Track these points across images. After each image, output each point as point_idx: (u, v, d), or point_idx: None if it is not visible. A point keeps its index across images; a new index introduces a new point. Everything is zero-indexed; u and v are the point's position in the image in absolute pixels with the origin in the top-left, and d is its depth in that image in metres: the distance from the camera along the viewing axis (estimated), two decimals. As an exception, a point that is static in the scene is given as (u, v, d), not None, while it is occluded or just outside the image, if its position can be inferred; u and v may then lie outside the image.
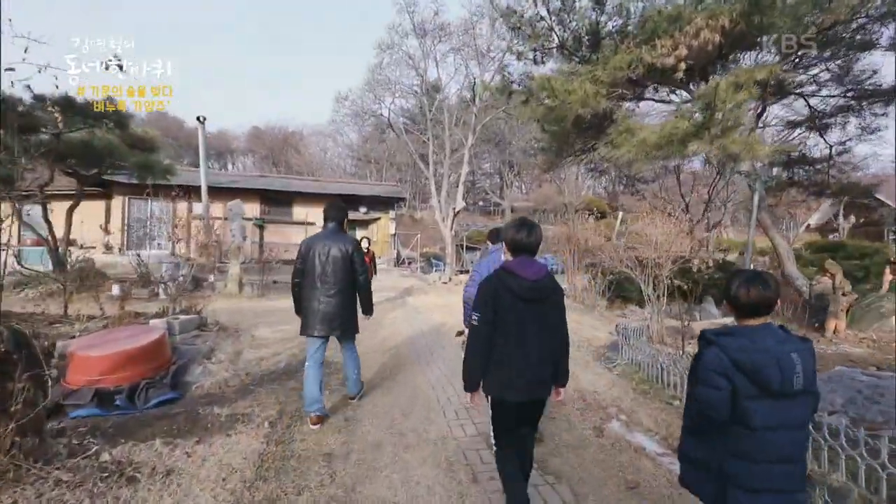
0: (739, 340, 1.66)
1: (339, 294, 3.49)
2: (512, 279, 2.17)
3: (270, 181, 18.20)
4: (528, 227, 2.27)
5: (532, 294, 2.18)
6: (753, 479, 1.63)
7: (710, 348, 1.70)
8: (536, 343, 2.19)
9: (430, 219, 34.07)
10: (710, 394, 1.65)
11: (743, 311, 1.73)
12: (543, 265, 2.29)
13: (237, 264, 11.78)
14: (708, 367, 1.67)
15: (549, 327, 2.23)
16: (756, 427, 1.61)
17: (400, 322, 8.07)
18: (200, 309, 6.97)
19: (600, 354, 6.01)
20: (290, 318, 8.44)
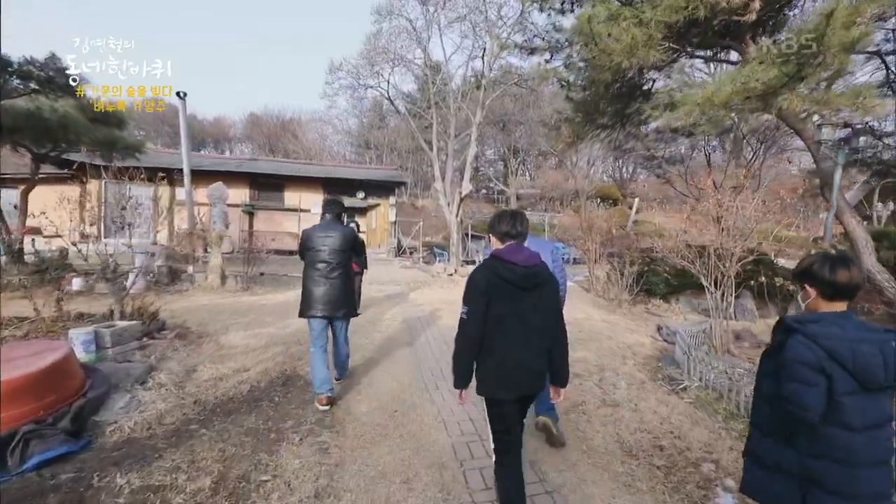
0: (829, 328, 1.52)
1: (339, 277, 3.70)
2: (504, 266, 2.08)
3: (260, 164, 16.83)
4: (514, 216, 2.21)
5: (526, 281, 2.07)
6: (851, 484, 1.47)
7: (796, 338, 1.55)
8: (533, 333, 2.09)
9: (433, 206, 32.68)
10: (803, 391, 1.49)
11: (833, 294, 1.59)
12: (535, 252, 2.18)
13: (219, 254, 10.50)
14: (798, 359, 1.52)
15: (544, 317, 2.12)
16: (855, 426, 1.47)
17: (397, 327, 6.81)
18: (155, 311, 5.70)
19: (654, 370, 4.75)
20: (271, 318, 7.24)
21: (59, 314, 5.49)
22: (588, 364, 4.90)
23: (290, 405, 3.63)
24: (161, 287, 9.91)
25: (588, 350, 5.46)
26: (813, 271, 1.63)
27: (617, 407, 3.72)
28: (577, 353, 5.24)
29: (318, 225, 3.86)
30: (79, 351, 3.79)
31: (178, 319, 6.54)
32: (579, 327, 6.87)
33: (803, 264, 1.70)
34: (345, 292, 3.75)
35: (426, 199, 36.76)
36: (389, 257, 16.26)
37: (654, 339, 6.23)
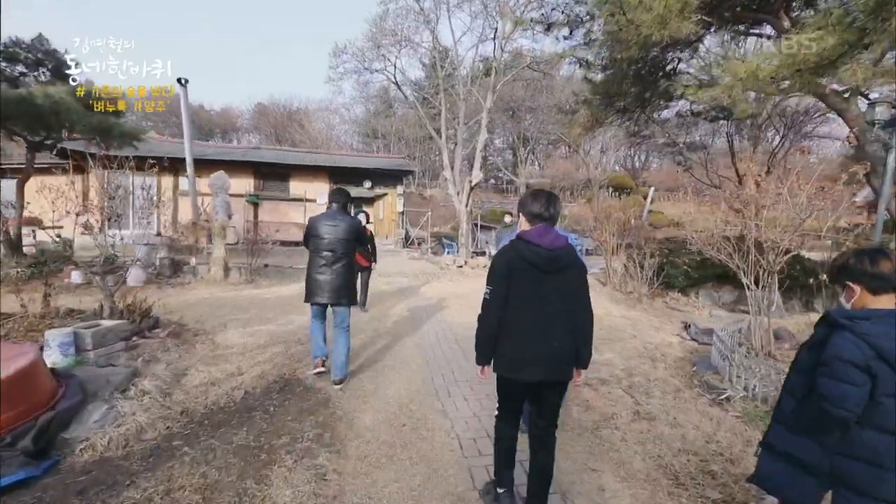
0: (879, 326, 1.45)
1: (342, 267, 3.79)
2: (530, 249, 2.03)
3: (264, 154, 16.41)
4: (547, 197, 2.14)
5: (551, 264, 2.02)
6: (881, 486, 1.43)
7: (843, 335, 1.48)
8: (557, 318, 2.03)
9: (441, 196, 32.19)
10: (845, 390, 1.42)
11: (878, 287, 1.52)
12: (563, 235, 2.12)
13: (222, 246, 10.18)
14: (844, 357, 1.44)
15: (570, 301, 2.05)
16: (891, 429, 1.42)
17: (405, 324, 6.42)
18: (148, 307, 5.35)
19: (689, 375, 4.30)
20: (273, 314, 6.82)
21: (46, 311, 5.17)
22: (614, 368, 4.47)
23: (286, 416, 3.25)
24: (163, 280, 9.62)
25: (613, 351, 5.03)
26: (852, 267, 1.57)
27: (653, 421, 3.30)
28: (601, 355, 4.81)
29: (323, 214, 3.95)
30: (55, 355, 3.44)
31: (175, 315, 6.21)
32: (599, 325, 6.37)
33: (839, 262, 1.63)
34: (347, 281, 3.85)
35: (434, 189, 36.25)
36: (397, 248, 15.87)
37: (682, 339, 5.78)
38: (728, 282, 11.62)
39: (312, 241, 3.84)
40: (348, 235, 3.82)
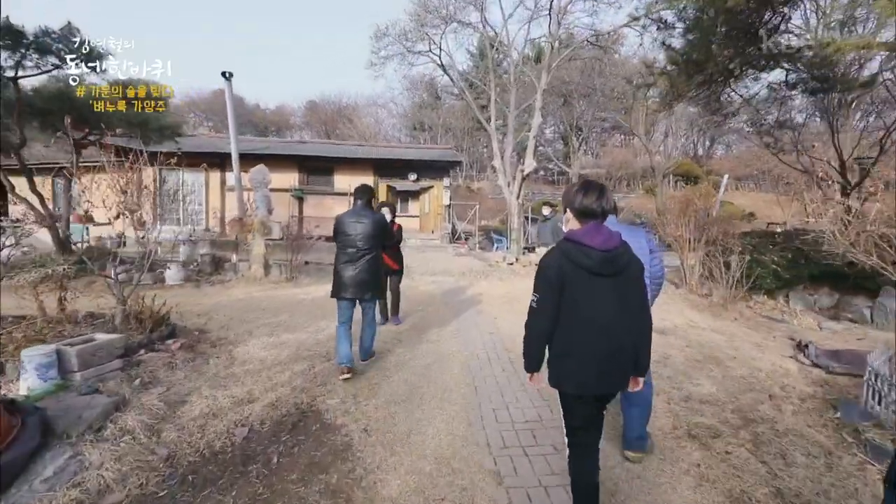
0: None
1: (368, 262, 3.91)
2: (581, 251, 1.83)
3: (309, 147, 16.13)
4: (597, 189, 1.92)
5: (606, 267, 1.82)
6: None
7: None
8: (612, 325, 1.83)
9: (490, 189, 31.11)
10: None
11: None
12: (616, 232, 1.92)
13: (262, 242, 9.80)
14: None
15: (627, 306, 1.86)
16: None
17: (449, 338, 5.58)
18: (165, 314, 4.84)
19: (833, 424, 3.14)
20: (305, 319, 5.89)
21: (62, 314, 4.78)
22: (722, 408, 3.38)
23: (290, 472, 2.50)
24: (203, 277, 9.38)
25: (712, 380, 3.92)
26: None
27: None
28: (699, 387, 3.74)
29: (349, 211, 4.05)
30: (31, 379, 2.89)
31: (201, 319, 5.73)
32: (686, 339, 5.28)
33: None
34: (372, 276, 3.96)
35: (482, 182, 35.24)
36: (443, 243, 15.07)
37: (800, 363, 4.54)
38: (825, 282, 9.88)
39: (339, 238, 3.97)
40: (373, 231, 3.92)
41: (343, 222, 3.96)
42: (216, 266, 9.90)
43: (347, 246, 3.90)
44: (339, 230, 3.98)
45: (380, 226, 4.00)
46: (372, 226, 3.92)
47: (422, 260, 11.68)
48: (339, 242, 3.98)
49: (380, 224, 4.01)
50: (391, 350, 4.73)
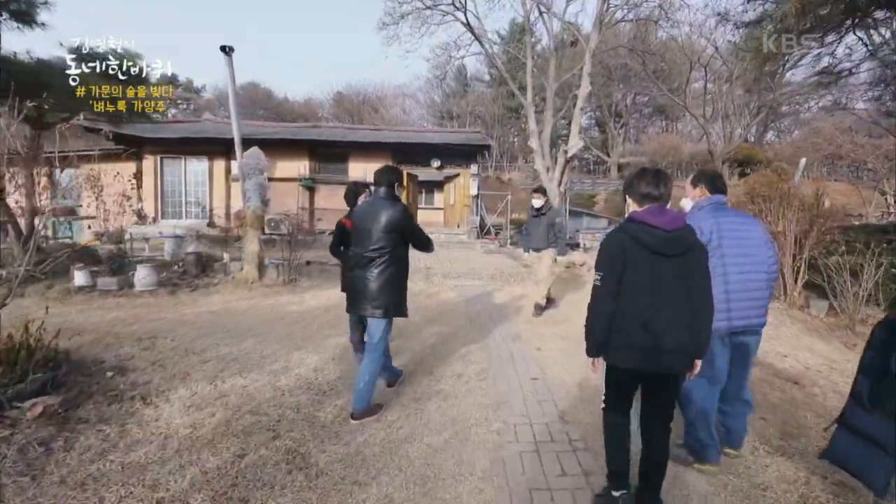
0: None
1: (377, 268, 3.02)
2: (644, 231, 1.84)
3: (321, 132, 14.62)
4: (657, 175, 1.96)
5: (670, 247, 1.83)
6: None
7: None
8: (676, 306, 1.84)
9: (521, 180, 29.03)
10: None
11: None
12: (680, 214, 1.99)
13: (256, 239, 8.29)
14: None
15: (689, 288, 1.86)
16: None
17: (473, 379, 3.88)
18: (48, 346, 3.29)
19: None
20: (277, 346, 3.88)
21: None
22: None
23: None
24: (187, 280, 7.97)
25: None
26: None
27: None
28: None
29: (366, 201, 3.42)
30: None
31: (134, 349, 4.20)
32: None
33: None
34: (385, 285, 3.01)
35: (513, 172, 33.23)
36: (470, 239, 13.28)
37: None
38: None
39: (352, 236, 3.19)
40: (387, 229, 3.00)
41: (355, 216, 3.23)
42: (203, 267, 8.48)
43: (356, 246, 3.10)
44: (353, 225, 3.19)
45: (395, 221, 2.98)
46: (385, 220, 2.97)
47: (444, 258, 9.97)
48: (351, 241, 3.22)
49: (395, 219, 2.98)
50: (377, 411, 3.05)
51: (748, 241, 2.40)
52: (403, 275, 3.15)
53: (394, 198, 3.12)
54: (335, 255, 4.14)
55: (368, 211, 3.08)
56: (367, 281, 3.01)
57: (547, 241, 5.70)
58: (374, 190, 3.23)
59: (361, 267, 3.04)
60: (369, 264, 3.01)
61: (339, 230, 4.03)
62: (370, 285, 3.01)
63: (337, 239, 4.04)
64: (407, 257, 3.18)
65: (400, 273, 3.11)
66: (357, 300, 3.09)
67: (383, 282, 3.01)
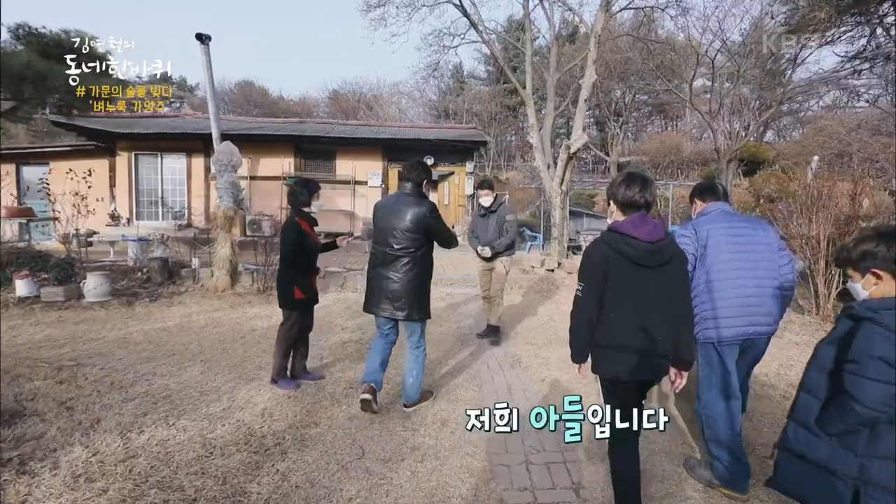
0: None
1: (404, 268, 2.91)
2: (625, 242, 1.85)
3: (306, 127, 13.81)
4: (644, 182, 1.92)
5: (651, 259, 1.84)
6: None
7: (872, 329, 1.40)
8: (655, 314, 1.87)
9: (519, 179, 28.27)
10: (877, 389, 1.35)
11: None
12: (660, 224, 1.91)
13: (227, 243, 7.51)
14: (874, 353, 1.37)
15: (670, 297, 1.88)
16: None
17: (460, 456, 3.06)
18: None
19: None
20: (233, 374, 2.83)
21: None
22: None
23: None
24: (150, 289, 7.18)
25: None
26: (877, 253, 1.47)
27: None
28: None
29: (390, 195, 3.29)
30: None
31: (47, 383, 3.43)
32: None
33: (862, 249, 1.51)
34: (410, 287, 2.91)
35: (510, 172, 32.52)
36: (464, 241, 12.52)
37: None
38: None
39: (374, 233, 3.05)
40: (412, 227, 2.86)
41: (378, 211, 3.07)
42: (170, 273, 7.68)
43: (378, 244, 3.02)
44: (374, 221, 3.09)
45: (422, 219, 2.89)
46: (412, 218, 2.87)
47: (437, 262, 9.19)
48: (375, 238, 3.08)
49: (420, 217, 2.88)
50: (323, 490, 2.27)
51: (749, 248, 2.35)
52: (428, 276, 3.06)
53: (421, 195, 3.00)
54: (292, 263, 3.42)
55: (393, 207, 2.94)
56: (390, 281, 2.90)
57: (495, 238, 4.56)
58: (400, 185, 3.12)
59: (384, 266, 2.93)
60: (392, 263, 2.91)
61: (295, 233, 3.33)
62: (393, 286, 2.90)
63: (294, 243, 3.33)
64: (432, 256, 3.08)
65: (425, 274, 3.01)
66: (377, 300, 2.95)
67: (408, 282, 2.90)
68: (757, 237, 2.39)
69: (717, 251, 2.31)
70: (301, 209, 3.46)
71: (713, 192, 2.62)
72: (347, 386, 3.48)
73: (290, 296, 3.39)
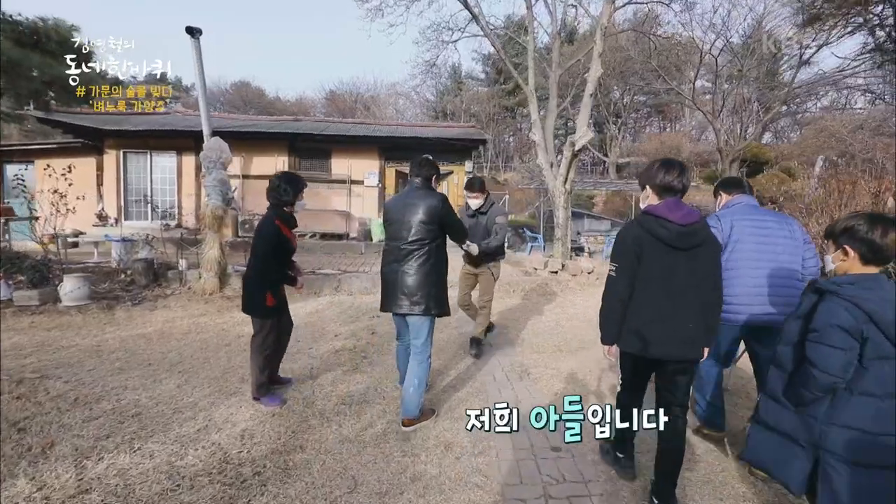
0: (868, 290, 1.49)
1: (417, 261, 2.77)
2: (659, 224, 1.90)
3: (301, 125, 13.43)
4: (682, 167, 1.99)
5: (684, 241, 1.88)
6: (870, 453, 1.45)
7: (834, 301, 1.53)
8: (688, 297, 1.91)
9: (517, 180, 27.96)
10: (834, 355, 1.47)
11: (873, 258, 1.55)
12: (694, 209, 1.97)
13: (216, 243, 7.15)
14: (835, 323, 1.48)
15: (702, 280, 1.92)
16: (878, 393, 1.46)
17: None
18: None
19: None
20: (213, 388, 3.05)
21: None
22: None
23: None
24: (133, 292, 6.80)
25: None
26: (857, 231, 1.57)
27: None
28: None
29: (400, 194, 3.08)
30: None
31: (3, 398, 3.05)
32: None
33: (847, 223, 1.62)
34: (424, 280, 2.77)
35: (509, 173, 32.26)
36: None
37: None
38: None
39: (386, 230, 2.96)
40: (426, 220, 2.75)
41: (390, 208, 2.95)
42: (156, 275, 7.30)
43: (391, 240, 2.87)
44: (385, 218, 2.98)
45: (434, 211, 2.76)
46: (425, 210, 2.74)
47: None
48: (388, 235, 2.93)
49: (435, 208, 2.76)
50: None
51: (771, 241, 2.48)
52: (444, 268, 2.92)
53: (431, 188, 2.94)
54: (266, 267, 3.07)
55: (405, 202, 2.86)
56: (405, 275, 2.78)
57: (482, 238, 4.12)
58: (409, 180, 3.02)
59: (399, 261, 2.81)
60: (407, 257, 2.79)
61: (273, 233, 3.00)
62: (408, 280, 2.77)
63: (271, 244, 2.99)
64: (446, 250, 2.95)
65: (440, 266, 2.88)
66: (393, 296, 2.83)
67: (423, 275, 2.77)
68: (781, 231, 2.52)
69: (740, 241, 2.46)
70: (282, 209, 3.10)
71: (739, 186, 2.76)
72: (339, 402, 3.12)
73: (262, 302, 3.02)
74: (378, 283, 3.10)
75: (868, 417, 1.47)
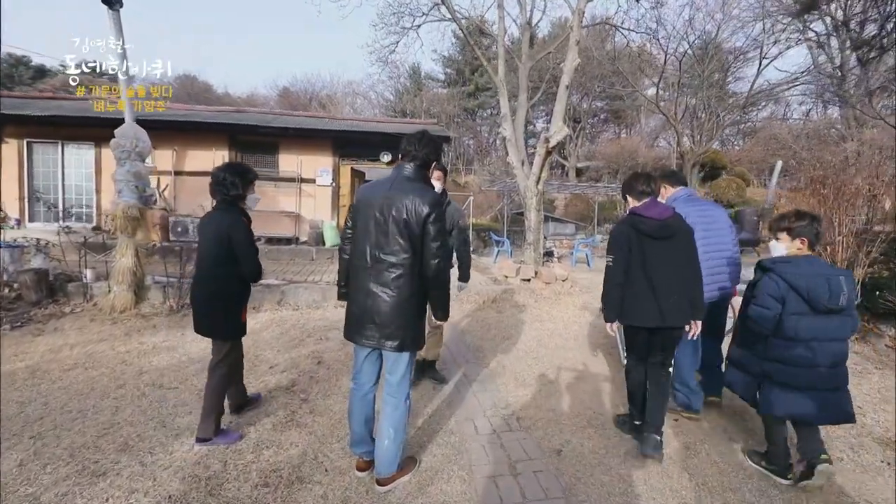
0: (795, 267, 2.13)
1: (397, 280, 2.05)
2: (641, 221, 2.44)
3: (242, 116, 12.06)
4: (648, 178, 2.58)
5: (661, 231, 2.43)
6: (790, 377, 2.16)
7: (769, 275, 2.20)
8: (667, 276, 2.42)
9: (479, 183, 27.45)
10: (763, 313, 2.17)
11: (817, 241, 2.22)
12: (668, 206, 2.59)
13: (130, 250, 5.93)
14: (766, 291, 2.17)
15: (678, 262, 2.45)
16: (798, 338, 2.11)
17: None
18: None
19: None
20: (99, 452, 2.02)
21: None
22: None
23: None
24: (19, 310, 5.47)
25: None
26: (813, 228, 2.21)
27: None
28: None
29: (380, 181, 2.22)
30: None
31: None
32: None
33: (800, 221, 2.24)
34: (406, 308, 2.09)
35: (469, 176, 31.84)
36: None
37: None
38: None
39: (356, 233, 2.18)
40: (415, 222, 2.00)
41: (361, 200, 2.18)
42: (51, 289, 5.96)
43: (362, 246, 2.11)
44: (353, 217, 2.20)
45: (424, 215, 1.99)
46: (412, 212, 1.99)
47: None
48: (355, 236, 2.18)
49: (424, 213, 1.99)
50: None
51: (714, 226, 2.95)
52: (425, 293, 2.19)
53: (425, 180, 2.21)
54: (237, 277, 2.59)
55: (387, 195, 2.06)
56: (377, 298, 2.07)
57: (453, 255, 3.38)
58: (398, 165, 2.24)
59: (372, 278, 2.09)
60: (383, 274, 2.07)
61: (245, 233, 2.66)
62: (381, 305, 2.07)
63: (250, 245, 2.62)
64: None
65: (423, 291, 2.15)
66: (359, 325, 2.12)
67: (403, 302, 2.07)
68: (720, 217, 3.02)
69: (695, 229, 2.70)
70: (236, 204, 2.66)
71: (679, 179, 3.16)
72: (261, 481, 2.18)
73: (237, 319, 2.62)
74: (329, 294, 2.22)
75: (787, 355, 2.15)
